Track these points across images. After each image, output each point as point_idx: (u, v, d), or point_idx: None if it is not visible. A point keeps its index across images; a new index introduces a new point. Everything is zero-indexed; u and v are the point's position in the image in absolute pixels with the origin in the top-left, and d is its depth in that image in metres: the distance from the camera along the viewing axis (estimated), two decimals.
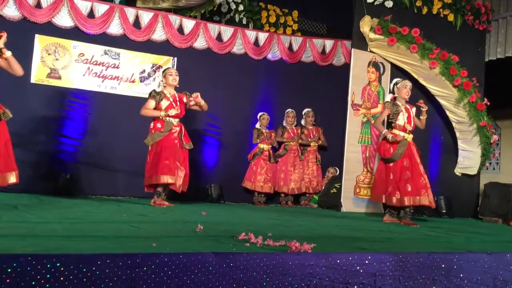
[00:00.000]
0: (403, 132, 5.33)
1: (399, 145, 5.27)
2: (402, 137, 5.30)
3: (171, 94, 5.62)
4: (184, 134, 5.66)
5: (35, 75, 6.46)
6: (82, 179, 6.57)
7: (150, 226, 3.40)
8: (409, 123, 5.36)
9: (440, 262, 2.43)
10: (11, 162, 4.20)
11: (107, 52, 6.86)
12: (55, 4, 6.47)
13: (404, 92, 5.41)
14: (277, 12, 8.36)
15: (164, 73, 5.69)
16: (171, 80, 5.60)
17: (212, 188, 7.15)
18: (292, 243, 2.50)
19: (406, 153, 5.28)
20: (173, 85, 5.63)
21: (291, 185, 7.62)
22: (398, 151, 5.26)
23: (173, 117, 5.57)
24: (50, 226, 3.01)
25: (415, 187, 5.18)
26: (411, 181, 5.20)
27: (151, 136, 5.49)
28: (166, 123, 5.50)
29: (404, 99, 5.43)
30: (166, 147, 5.43)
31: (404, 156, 5.27)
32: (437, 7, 7.30)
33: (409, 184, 5.19)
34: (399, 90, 5.44)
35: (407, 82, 5.49)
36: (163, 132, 5.46)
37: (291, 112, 7.71)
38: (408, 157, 5.29)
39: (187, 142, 5.68)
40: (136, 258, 1.79)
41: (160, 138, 5.45)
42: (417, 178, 5.23)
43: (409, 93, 5.44)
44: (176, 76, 5.64)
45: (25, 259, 1.63)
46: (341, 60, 8.20)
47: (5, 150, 4.13)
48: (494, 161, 9.12)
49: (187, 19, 7.36)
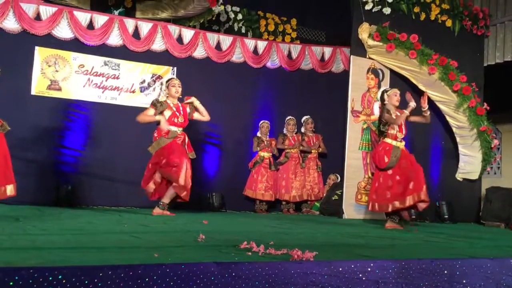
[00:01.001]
0: (395, 141, 5.34)
1: (392, 153, 5.28)
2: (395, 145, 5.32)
3: (174, 104, 5.64)
4: (187, 144, 5.68)
5: (36, 87, 6.48)
6: (83, 190, 6.57)
7: (151, 236, 3.39)
8: (400, 132, 5.39)
9: (443, 268, 2.42)
10: (10, 175, 4.20)
11: (107, 63, 6.89)
12: (55, 16, 6.50)
13: (395, 100, 5.43)
14: (275, 20, 8.40)
15: (167, 84, 5.71)
16: (173, 92, 5.63)
17: (214, 196, 7.14)
18: (294, 252, 2.49)
19: (401, 156, 5.29)
20: (176, 96, 5.66)
21: (293, 192, 7.61)
22: (393, 158, 5.27)
23: (177, 126, 5.58)
24: (52, 238, 3.01)
25: (417, 182, 5.13)
26: (414, 177, 5.16)
27: (157, 142, 5.49)
28: (170, 132, 5.53)
29: (395, 106, 5.43)
30: (172, 149, 5.44)
31: (400, 159, 5.28)
32: (435, 13, 7.33)
33: (412, 182, 5.15)
34: (390, 98, 5.44)
35: (396, 90, 5.50)
36: (168, 138, 5.48)
37: (291, 119, 7.72)
38: (404, 158, 5.30)
39: (190, 151, 5.70)
40: (138, 269, 1.79)
41: (166, 144, 5.46)
42: (419, 173, 5.19)
43: (399, 99, 5.45)
44: (179, 87, 5.66)
45: (27, 272, 1.63)
46: (340, 67, 8.22)
47: (4, 162, 4.14)
48: (495, 165, 9.11)
49: (186, 29, 7.40)
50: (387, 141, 5.36)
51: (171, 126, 5.54)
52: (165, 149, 5.47)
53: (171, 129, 5.53)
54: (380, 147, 5.41)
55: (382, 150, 5.36)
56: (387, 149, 5.32)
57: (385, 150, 5.33)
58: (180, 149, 5.52)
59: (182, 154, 5.46)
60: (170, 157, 5.37)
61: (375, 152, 5.50)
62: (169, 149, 5.45)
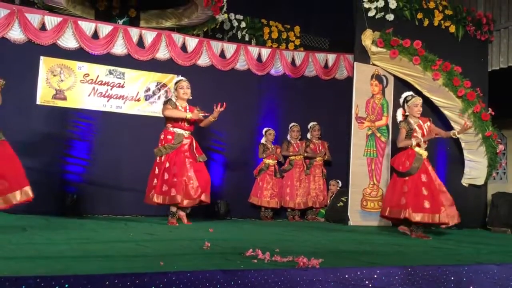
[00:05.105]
0: (418, 148, 5.32)
1: (415, 159, 5.23)
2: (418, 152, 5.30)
3: (183, 106, 5.56)
4: (196, 146, 5.60)
5: (41, 97, 6.52)
6: (89, 199, 6.58)
7: (157, 244, 3.40)
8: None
9: (450, 275, 2.41)
10: (20, 178, 4.03)
11: (111, 71, 6.92)
12: (60, 26, 6.55)
13: (415, 111, 5.41)
14: (279, 28, 8.43)
15: (176, 85, 5.58)
16: (182, 93, 5.51)
17: (219, 204, 7.14)
18: (299, 259, 2.49)
19: (423, 169, 5.26)
20: (184, 98, 5.55)
21: (298, 199, 7.60)
22: (414, 165, 5.22)
23: (184, 130, 5.54)
24: (58, 247, 3.02)
25: (434, 204, 5.09)
26: (430, 197, 5.13)
27: (162, 148, 5.43)
28: (177, 135, 5.45)
29: (416, 117, 5.43)
30: (175, 163, 5.36)
31: (420, 171, 5.23)
32: (438, 19, 7.33)
33: (427, 201, 5.11)
34: (410, 109, 5.44)
35: (417, 100, 5.45)
36: (174, 145, 5.41)
37: (295, 126, 7.72)
38: (425, 173, 5.25)
39: (200, 154, 5.62)
40: (144, 277, 1.80)
41: (171, 152, 5.41)
42: (437, 195, 5.15)
43: (421, 110, 5.45)
44: (188, 89, 5.54)
45: (34, 281, 1.64)
46: (344, 74, 8.22)
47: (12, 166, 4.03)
48: (501, 171, 9.06)
49: (190, 37, 7.43)
50: (410, 148, 5.35)
51: (176, 128, 5.48)
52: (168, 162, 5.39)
53: (177, 132, 5.49)
54: (403, 152, 5.38)
55: (404, 155, 5.33)
56: (409, 154, 5.29)
57: (408, 155, 5.30)
58: (180, 162, 5.39)
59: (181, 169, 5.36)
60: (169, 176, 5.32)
61: (396, 157, 5.46)
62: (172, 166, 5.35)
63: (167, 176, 5.35)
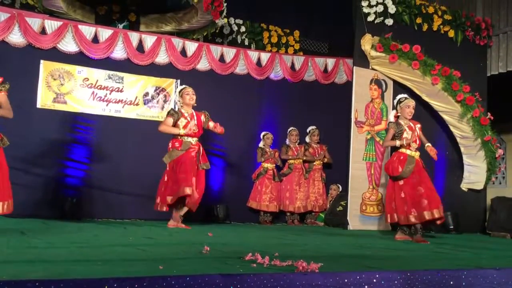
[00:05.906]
0: (409, 150, 5.32)
1: (407, 162, 5.24)
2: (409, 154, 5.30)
3: (189, 113, 5.61)
4: (202, 154, 5.64)
5: (41, 101, 6.53)
6: (88, 203, 6.59)
7: (156, 248, 3.39)
8: (414, 141, 5.35)
9: (449, 279, 2.41)
10: (5, 192, 4.05)
11: (111, 76, 6.93)
12: (60, 30, 6.56)
13: (407, 112, 5.39)
14: (278, 32, 8.45)
15: (181, 93, 5.66)
16: (188, 99, 5.59)
17: (218, 208, 7.14)
18: (299, 263, 2.48)
19: (415, 169, 5.27)
20: (190, 104, 5.61)
21: (297, 203, 7.60)
22: (407, 169, 5.23)
23: (191, 136, 5.56)
24: (57, 251, 3.01)
25: (430, 200, 5.14)
26: (425, 195, 5.16)
27: (169, 153, 5.50)
28: (184, 142, 5.50)
29: (407, 118, 5.42)
30: (183, 162, 5.41)
31: (413, 173, 5.25)
32: (437, 24, 7.36)
33: (424, 199, 5.15)
34: (402, 110, 5.43)
35: (409, 102, 5.44)
36: (181, 150, 5.46)
37: (294, 130, 7.73)
38: (418, 173, 5.27)
39: (205, 162, 5.66)
40: (143, 281, 1.80)
41: (178, 156, 5.45)
42: (430, 192, 5.21)
43: (412, 112, 5.42)
44: (193, 95, 5.63)
45: (32, 285, 1.64)
46: (343, 78, 8.24)
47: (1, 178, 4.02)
48: (500, 175, 9.08)
49: (190, 42, 7.45)
50: (401, 151, 5.34)
51: (183, 136, 5.51)
52: (176, 164, 5.44)
53: (184, 139, 5.51)
54: (395, 157, 5.37)
55: (396, 160, 5.32)
56: (401, 159, 5.28)
57: (400, 160, 5.29)
58: (190, 165, 5.44)
59: (190, 171, 5.41)
60: (178, 176, 5.36)
61: (389, 162, 5.47)
62: (180, 166, 5.41)
63: (174, 176, 5.41)
